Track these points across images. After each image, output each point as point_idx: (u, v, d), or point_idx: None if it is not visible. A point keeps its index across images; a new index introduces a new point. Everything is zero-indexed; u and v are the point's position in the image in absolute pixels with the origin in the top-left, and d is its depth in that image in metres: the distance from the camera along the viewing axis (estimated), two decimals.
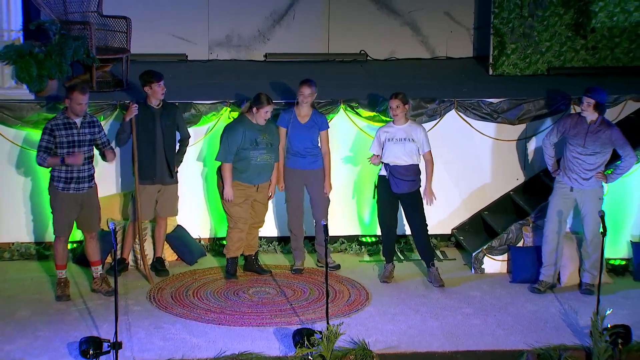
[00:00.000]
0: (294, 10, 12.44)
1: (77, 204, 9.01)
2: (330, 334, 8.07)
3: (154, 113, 9.45)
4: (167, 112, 9.51)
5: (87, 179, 9.01)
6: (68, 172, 8.93)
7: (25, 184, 9.99)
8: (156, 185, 9.54)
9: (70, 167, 8.90)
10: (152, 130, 9.43)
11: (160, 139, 9.46)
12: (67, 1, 10.72)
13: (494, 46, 11.74)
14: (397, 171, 9.47)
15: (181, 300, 9.14)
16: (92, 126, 9.01)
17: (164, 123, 9.47)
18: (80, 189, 8.98)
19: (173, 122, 9.53)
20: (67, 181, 8.95)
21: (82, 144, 8.93)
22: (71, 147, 8.89)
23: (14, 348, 8.16)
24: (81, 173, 8.96)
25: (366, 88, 10.79)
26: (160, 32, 12.07)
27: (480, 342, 8.50)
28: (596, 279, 9.15)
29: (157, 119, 9.45)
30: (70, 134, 8.90)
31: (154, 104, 9.47)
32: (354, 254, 10.28)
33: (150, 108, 9.46)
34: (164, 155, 9.48)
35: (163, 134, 9.45)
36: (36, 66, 9.71)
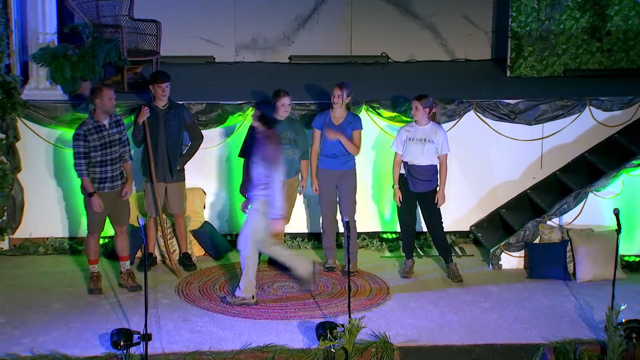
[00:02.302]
0: (318, 14, 12.54)
1: (110, 201, 9.14)
2: (352, 327, 8.15)
3: (159, 113, 9.53)
4: (173, 113, 9.58)
5: (119, 177, 9.15)
6: (102, 173, 9.06)
7: (59, 181, 10.14)
8: (164, 183, 9.65)
9: (105, 167, 9.04)
10: (156, 130, 9.53)
11: (162, 139, 9.54)
12: (99, 5, 10.85)
13: (512, 49, 11.81)
14: (415, 170, 9.57)
15: (208, 294, 9.26)
16: (119, 125, 9.14)
17: (168, 123, 9.54)
18: (114, 187, 9.12)
19: (179, 123, 9.60)
20: (101, 181, 9.08)
21: (112, 144, 9.06)
22: (104, 149, 9.00)
23: (48, 339, 8.28)
24: (114, 172, 9.10)
25: (387, 89, 10.88)
26: (188, 35, 12.19)
27: (498, 335, 8.56)
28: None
29: (161, 119, 9.53)
30: (100, 136, 9.01)
31: (160, 104, 9.56)
32: (375, 250, 10.37)
33: (155, 108, 9.55)
34: (166, 154, 9.56)
35: (166, 134, 9.52)
36: (70, 68, 9.86)
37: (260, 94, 10.43)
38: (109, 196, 9.15)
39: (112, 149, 9.07)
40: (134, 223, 9.76)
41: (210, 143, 10.14)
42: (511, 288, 9.54)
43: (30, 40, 10.17)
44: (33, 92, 10.14)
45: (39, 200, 10.18)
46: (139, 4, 11.25)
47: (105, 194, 9.12)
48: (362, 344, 8.28)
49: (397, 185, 9.65)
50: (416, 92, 9.79)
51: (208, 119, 10.20)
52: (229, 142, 10.31)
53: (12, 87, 9.84)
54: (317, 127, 9.72)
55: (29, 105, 10.00)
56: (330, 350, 8.17)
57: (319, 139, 9.69)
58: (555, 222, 9.95)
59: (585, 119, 10.60)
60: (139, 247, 9.72)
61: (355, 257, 9.84)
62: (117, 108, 10.01)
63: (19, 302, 9.01)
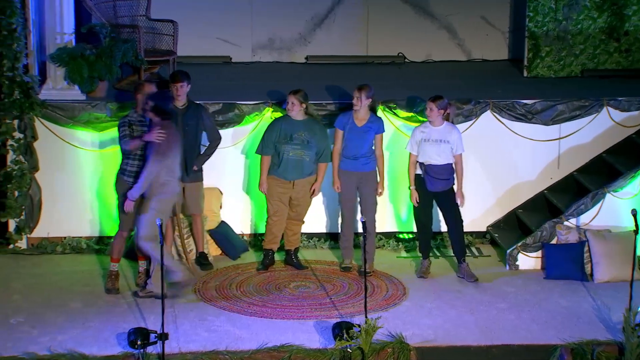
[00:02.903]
0: (334, 14, 12.56)
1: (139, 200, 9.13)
2: (368, 328, 8.16)
3: (177, 113, 9.54)
4: (191, 113, 9.61)
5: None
6: (141, 168, 9.06)
7: (76, 181, 10.17)
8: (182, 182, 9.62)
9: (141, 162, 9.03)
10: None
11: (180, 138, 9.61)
12: (117, 5, 10.88)
13: (529, 49, 11.80)
14: (432, 170, 9.58)
15: (225, 293, 9.29)
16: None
17: (186, 123, 9.57)
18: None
19: (197, 123, 9.63)
20: (137, 176, 9.05)
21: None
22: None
23: (66, 338, 8.32)
24: None
25: (403, 89, 10.88)
26: (205, 35, 12.22)
27: (514, 336, 8.55)
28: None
29: (179, 119, 9.54)
30: (144, 130, 9.03)
31: (178, 104, 9.58)
32: (391, 250, 10.38)
33: (174, 108, 9.55)
34: (183, 155, 9.53)
35: (184, 133, 9.53)
36: (87, 68, 9.90)
37: (276, 94, 10.45)
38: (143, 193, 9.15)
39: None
40: None
41: (226, 143, 10.17)
42: (528, 289, 9.54)
43: (48, 40, 10.22)
44: (51, 92, 10.20)
45: (57, 199, 10.23)
46: (156, 4, 11.29)
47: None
48: (379, 344, 8.29)
49: (414, 186, 9.66)
50: (433, 92, 9.80)
51: (225, 118, 10.24)
52: (245, 141, 10.34)
53: (29, 87, 9.90)
54: (339, 127, 9.75)
55: (47, 105, 10.06)
56: (346, 351, 8.19)
57: (340, 139, 9.70)
58: (572, 223, 9.94)
59: (603, 120, 10.58)
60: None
61: (372, 258, 9.85)
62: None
63: (37, 301, 9.06)
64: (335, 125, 9.79)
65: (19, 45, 9.74)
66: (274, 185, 9.73)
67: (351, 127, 9.66)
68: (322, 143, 9.72)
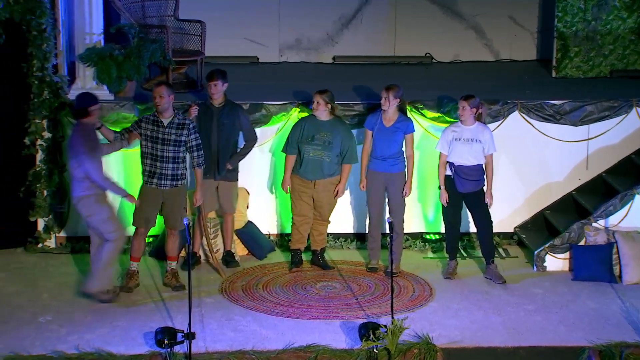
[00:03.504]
0: (362, 14, 12.56)
1: (158, 199, 9.20)
2: (395, 328, 8.16)
3: (213, 111, 9.62)
4: (227, 112, 9.65)
5: (170, 177, 9.16)
6: (152, 167, 9.14)
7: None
8: (215, 180, 9.72)
9: (153, 161, 9.12)
10: (209, 127, 9.62)
11: (215, 137, 9.62)
12: (145, 6, 10.94)
13: (557, 49, 11.77)
14: (462, 171, 9.57)
15: (251, 293, 9.32)
16: (180, 128, 9.13)
17: (221, 122, 9.62)
18: (163, 185, 9.17)
19: (232, 122, 9.66)
20: (150, 175, 9.17)
21: (165, 142, 9.12)
22: (154, 143, 9.10)
23: (94, 337, 8.37)
24: (164, 170, 9.14)
25: (431, 90, 10.88)
26: (233, 36, 12.25)
27: (542, 338, 8.53)
28: None
29: (215, 117, 9.61)
30: (155, 130, 9.10)
31: (214, 102, 9.65)
32: (418, 251, 10.38)
33: (210, 107, 9.66)
34: (216, 152, 9.65)
35: (218, 132, 9.61)
36: (116, 68, 9.95)
37: (303, 94, 10.46)
38: (156, 193, 9.21)
39: (164, 147, 9.13)
40: None
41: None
42: (556, 290, 9.51)
43: (77, 41, 10.29)
44: (79, 91, 10.20)
45: None
46: (184, 4, 11.35)
47: (151, 189, 9.20)
48: (405, 345, 8.29)
49: (444, 186, 9.64)
50: (460, 93, 9.79)
51: (252, 119, 10.25)
52: (272, 142, 10.36)
53: (59, 87, 9.98)
54: (368, 127, 9.76)
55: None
56: (373, 351, 8.19)
57: (369, 139, 9.71)
58: (600, 224, 9.89)
59: (632, 120, 10.52)
60: (183, 246, 9.76)
61: (399, 258, 9.84)
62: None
63: (65, 300, 9.12)
64: (365, 125, 9.81)
65: (48, 46, 9.81)
66: (297, 185, 9.76)
67: (379, 128, 9.67)
68: (346, 144, 9.72)
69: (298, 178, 9.76)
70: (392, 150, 9.66)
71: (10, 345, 8.22)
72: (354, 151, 9.79)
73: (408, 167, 9.71)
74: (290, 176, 9.78)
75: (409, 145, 9.69)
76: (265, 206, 10.47)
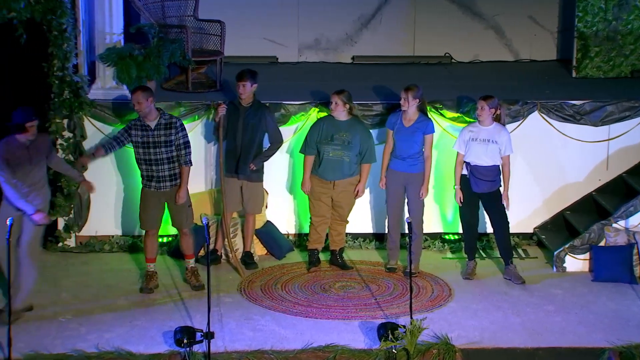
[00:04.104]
0: (381, 14, 12.53)
1: (160, 201, 9.25)
2: (413, 329, 8.16)
3: (239, 111, 9.68)
4: (254, 112, 9.70)
5: (168, 178, 9.19)
6: (148, 171, 9.18)
7: (124, 180, 10.26)
8: (238, 179, 9.77)
9: (149, 166, 9.15)
10: (235, 127, 9.67)
11: (239, 135, 9.66)
12: (165, 6, 10.97)
13: (578, 49, 11.71)
14: (477, 171, 9.56)
15: (270, 293, 9.34)
16: (168, 128, 9.13)
17: (247, 122, 9.66)
18: (161, 187, 9.19)
19: (258, 123, 9.69)
20: (148, 179, 9.21)
21: (157, 145, 9.12)
22: (146, 148, 9.12)
23: (113, 336, 8.41)
24: (160, 172, 9.16)
25: (450, 90, 10.86)
26: (252, 36, 12.26)
27: (561, 339, 8.52)
28: None
29: (241, 117, 9.66)
30: (145, 135, 9.12)
31: (242, 102, 9.70)
32: (437, 251, 10.37)
33: (238, 106, 9.72)
34: (239, 151, 9.68)
35: (243, 132, 9.65)
36: (135, 68, 9.96)
37: (322, 94, 10.47)
38: (157, 195, 9.25)
39: (156, 150, 9.14)
40: (197, 222, 9.87)
41: None
42: (575, 291, 9.49)
43: (97, 41, 10.34)
44: (99, 91, 10.31)
45: (105, 198, 10.32)
46: (204, 4, 11.38)
47: (151, 192, 9.26)
48: (424, 345, 8.29)
49: (459, 185, 9.63)
50: (480, 93, 9.78)
51: None
52: (291, 142, 10.37)
53: (79, 86, 10.01)
54: (389, 127, 9.77)
55: (96, 105, 10.16)
56: (391, 351, 8.19)
57: (391, 139, 9.72)
58: (621, 225, 9.85)
59: None
60: (202, 245, 9.80)
61: (418, 259, 9.83)
62: (181, 107, 10.17)
63: (85, 299, 9.17)
64: (386, 124, 9.84)
65: (68, 45, 9.84)
66: (315, 185, 9.77)
67: (399, 127, 9.67)
68: (365, 144, 9.73)
69: (317, 178, 9.77)
70: (412, 151, 9.65)
71: (31, 344, 8.26)
72: (373, 150, 9.79)
73: (425, 167, 9.71)
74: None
75: (428, 146, 9.69)
76: (284, 206, 10.48)
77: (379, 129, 10.25)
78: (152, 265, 9.41)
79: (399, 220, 9.87)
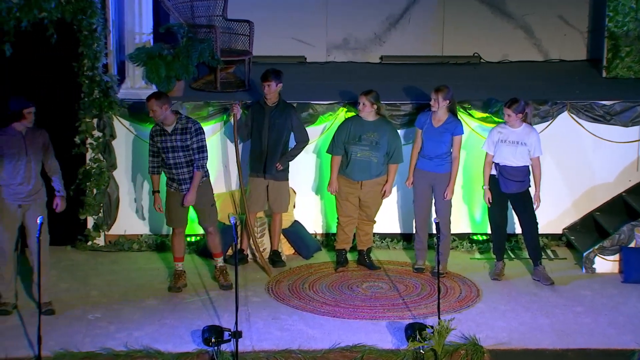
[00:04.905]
0: (410, 14, 12.52)
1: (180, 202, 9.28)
2: (441, 329, 8.13)
3: (265, 110, 9.70)
4: (280, 112, 9.71)
5: (188, 181, 9.21)
6: (169, 174, 9.26)
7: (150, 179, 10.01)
8: (264, 179, 9.78)
9: (169, 169, 9.21)
10: (261, 126, 9.69)
11: (265, 135, 9.68)
12: (194, 6, 11.01)
13: (608, 49, 11.65)
14: (506, 171, 9.52)
15: (298, 292, 9.35)
16: (184, 133, 9.14)
17: (273, 121, 9.67)
18: (182, 189, 9.24)
19: (284, 122, 9.71)
20: (171, 180, 9.30)
21: (174, 149, 9.17)
22: (167, 153, 9.18)
23: (142, 334, 8.45)
24: (180, 176, 9.21)
25: (479, 90, 10.85)
26: (280, 36, 12.27)
27: (591, 340, 8.47)
28: None
29: (266, 116, 9.68)
30: (163, 140, 9.17)
31: (267, 102, 9.72)
32: (465, 252, 10.34)
33: (263, 106, 9.73)
34: (265, 151, 9.70)
35: (269, 131, 9.66)
36: (165, 67, 10.02)
37: (350, 94, 10.47)
38: (179, 196, 9.29)
39: (174, 154, 9.18)
40: (225, 221, 9.89)
41: None
42: (605, 292, 9.43)
43: (127, 40, 10.39)
44: (129, 91, 10.36)
45: (134, 197, 10.39)
46: (232, 4, 11.41)
47: (174, 193, 9.32)
48: (452, 346, 8.27)
49: (487, 186, 9.61)
50: (509, 93, 9.75)
51: None
52: (319, 141, 10.38)
53: (109, 86, 10.06)
54: (418, 126, 9.76)
55: (125, 104, 10.22)
56: (419, 352, 8.17)
57: (419, 138, 9.71)
58: None
59: None
60: (230, 244, 9.82)
61: (446, 259, 9.81)
62: (210, 107, 10.20)
63: (114, 298, 9.22)
64: (415, 124, 9.83)
65: (98, 45, 9.90)
66: (343, 185, 9.76)
67: (428, 127, 9.67)
68: (393, 144, 9.71)
69: (344, 179, 9.77)
70: (440, 151, 9.63)
71: (61, 342, 8.32)
72: (400, 150, 9.78)
73: (452, 169, 9.68)
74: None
75: (456, 147, 9.66)
76: (312, 206, 10.49)
77: (406, 129, 10.24)
78: (180, 264, 9.45)
79: (426, 221, 9.85)
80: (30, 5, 9.52)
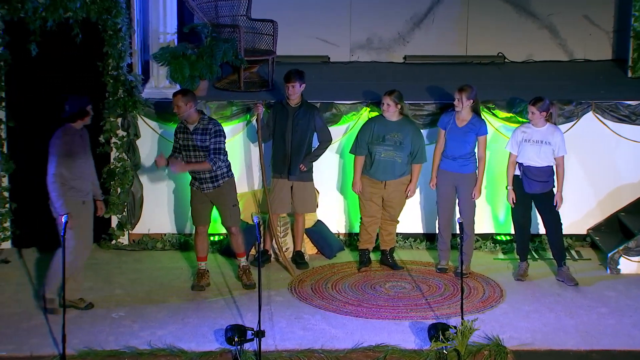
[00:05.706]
0: (433, 13, 12.52)
1: (205, 200, 9.32)
2: (464, 329, 8.12)
3: (288, 111, 9.70)
4: (303, 112, 9.72)
5: (209, 180, 9.23)
6: (191, 173, 9.30)
7: (177, 178, 10.29)
8: (289, 180, 9.78)
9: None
10: (284, 127, 9.70)
11: (288, 136, 9.68)
12: (218, 5, 11.03)
13: (634, 49, 11.59)
14: (530, 172, 9.49)
15: (321, 292, 9.35)
16: (204, 133, 9.15)
17: (296, 122, 9.68)
18: (204, 188, 9.26)
19: (307, 123, 9.71)
20: (193, 178, 9.32)
21: (194, 148, 9.19)
22: (187, 151, 9.20)
23: (165, 333, 8.48)
24: (201, 175, 9.23)
25: (503, 90, 10.82)
26: (304, 35, 12.30)
27: (615, 341, 8.44)
28: None
29: (290, 117, 9.68)
30: (185, 137, 9.20)
31: (290, 102, 9.72)
32: (488, 252, 10.32)
33: (286, 106, 9.74)
34: (289, 152, 9.71)
35: (292, 132, 9.67)
36: (189, 67, 10.05)
37: (374, 94, 10.47)
38: (201, 195, 9.31)
39: (195, 153, 9.21)
40: (248, 220, 9.91)
41: None
42: (630, 293, 9.39)
43: (151, 40, 10.44)
44: (153, 90, 10.40)
45: (158, 196, 10.42)
46: (256, 4, 11.44)
47: (196, 191, 9.35)
48: (475, 347, 8.25)
49: (511, 186, 9.57)
50: (533, 93, 9.71)
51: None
52: (342, 141, 10.39)
53: (133, 85, 10.11)
54: (441, 127, 9.75)
55: (149, 104, 10.26)
56: (442, 352, 8.16)
57: (442, 138, 9.69)
58: None
59: None
60: (253, 244, 9.84)
61: (470, 259, 9.78)
62: (233, 107, 10.23)
63: (138, 296, 9.26)
64: (438, 124, 9.81)
65: (123, 45, 9.94)
66: (366, 185, 9.76)
67: (452, 127, 9.64)
68: (416, 144, 9.70)
69: (368, 179, 9.77)
70: (464, 151, 9.61)
71: (85, 340, 8.36)
72: (424, 150, 9.76)
73: (479, 169, 9.66)
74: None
75: (481, 147, 9.63)
76: (335, 205, 10.50)
77: (430, 129, 10.22)
78: (203, 263, 9.47)
79: (449, 221, 9.83)
80: (56, 5, 9.59)
